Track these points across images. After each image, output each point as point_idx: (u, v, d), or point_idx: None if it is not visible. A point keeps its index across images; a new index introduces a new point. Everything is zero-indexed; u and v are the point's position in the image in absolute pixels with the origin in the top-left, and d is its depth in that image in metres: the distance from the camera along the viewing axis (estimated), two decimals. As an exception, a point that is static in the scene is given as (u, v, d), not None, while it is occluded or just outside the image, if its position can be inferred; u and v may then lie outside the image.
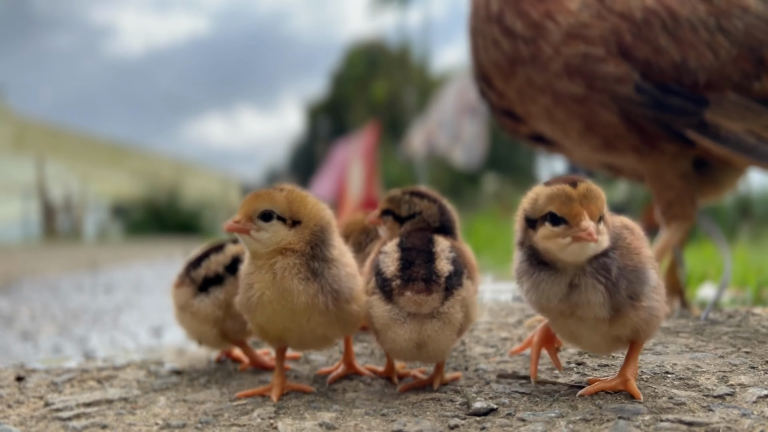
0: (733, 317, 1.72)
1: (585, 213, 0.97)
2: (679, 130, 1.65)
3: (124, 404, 1.18)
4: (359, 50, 27.79)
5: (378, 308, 1.11)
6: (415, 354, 1.12)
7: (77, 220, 20.34)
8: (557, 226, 0.98)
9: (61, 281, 4.93)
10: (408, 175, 14.46)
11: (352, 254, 1.24)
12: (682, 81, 1.64)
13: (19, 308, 3.33)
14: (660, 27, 1.65)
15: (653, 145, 1.70)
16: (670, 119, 1.65)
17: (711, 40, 1.64)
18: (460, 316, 1.12)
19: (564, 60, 1.68)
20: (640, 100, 1.65)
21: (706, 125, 1.64)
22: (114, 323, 2.78)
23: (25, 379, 1.40)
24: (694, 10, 1.65)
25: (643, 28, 1.65)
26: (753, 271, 2.55)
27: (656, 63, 1.64)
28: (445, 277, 1.11)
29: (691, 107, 1.64)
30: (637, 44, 1.65)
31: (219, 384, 1.30)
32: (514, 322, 1.81)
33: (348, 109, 26.36)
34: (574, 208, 0.97)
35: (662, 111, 1.64)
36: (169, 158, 31.43)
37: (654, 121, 1.66)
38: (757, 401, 1.01)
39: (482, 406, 1.04)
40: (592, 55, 1.66)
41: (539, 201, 1.01)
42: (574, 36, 1.67)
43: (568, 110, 1.73)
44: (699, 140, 1.64)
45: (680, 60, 1.63)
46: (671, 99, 1.64)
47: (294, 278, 1.10)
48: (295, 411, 1.08)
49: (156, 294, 3.99)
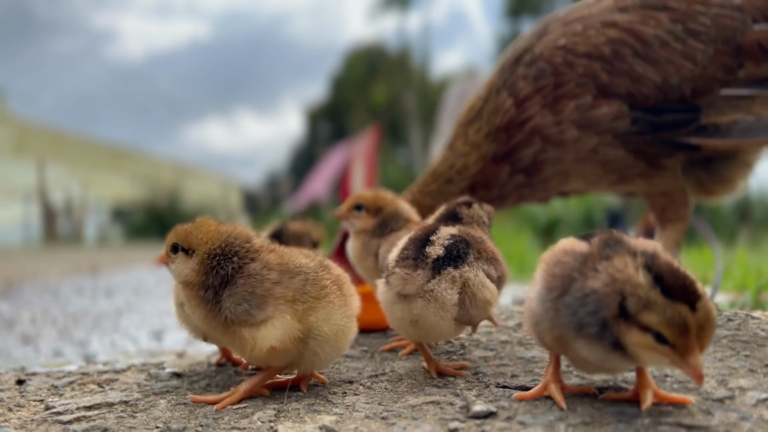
0: (733, 320, 1.72)
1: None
2: (681, 141, 1.65)
3: (124, 407, 1.18)
4: (359, 54, 27.85)
5: (381, 292, 1.22)
6: (413, 332, 1.21)
7: (78, 223, 20.34)
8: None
9: (61, 285, 4.93)
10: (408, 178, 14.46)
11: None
12: (668, 98, 1.63)
13: (19, 312, 3.34)
14: (631, 55, 1.62)
15: (656, 165, 1.70)
16: (669, 135, 1.65)
17: (684, 49, 1.61)
18: (452, 296, 1.16)
19: (570, 121, 1.68)
20: (636, 130, 1.65)
21: (704, 127, 1.63)
22: (114, 327, 2.78)
23: (26, 382, 1.40)
24: (657, 23, 1.62)
25: (616, 62, 1.63)
26: (752, 275, 2.55)
27: (639, 92, 1.63)
28: (433, 258, 1.18)
29: (685, 117, 1.63)
30: (614, 80, 1.63)
31: (219, 387, 1.30)
32: (513, 326, 1.81)
33: (348, 112, 26.39)
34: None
35: (659, 131, 1.64)
36: (170, 162, 31.46)
37: (654, 142, 1.66)
38: (757, 404, 1.02)
39: (482, 409, 1.04)
40: (583, 105, 1.66)
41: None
42: (556, 100, 1.69)
43: (592, 163, 1.73)
44: (704, 142, 1.64)
45: (661, 80, 1.61)
46: (664, 117, 1.63)
47: (192, 308, 1.17)
48: (296, 414, 1.09)
49: (156, 297, 3.99)
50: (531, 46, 1.77)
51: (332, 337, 1.15)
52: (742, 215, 7.37)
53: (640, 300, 0.88)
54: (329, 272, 1.18)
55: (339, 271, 1.22)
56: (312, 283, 1.14)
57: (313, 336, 1.14)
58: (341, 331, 1.17)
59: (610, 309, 0.91)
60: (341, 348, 1.19)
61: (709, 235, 1.95)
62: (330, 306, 1.15)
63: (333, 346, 1.17)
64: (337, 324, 1.16)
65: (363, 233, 1.59)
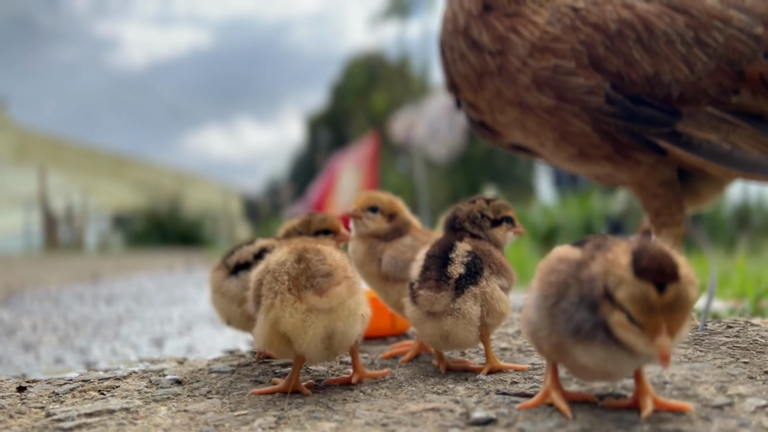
0: (732, 327, 1.73)
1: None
2: (651, 140, 1.65)
3: (125, 415, 1.18)
4: (359, 62, 27.94)
5: (409, 310, 1.33)
6: (443, 345, 1.34)
7: (79, 231, 20.35)
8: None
9: (62, 292, 4.93)
10: (408, 185, 14.48)
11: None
12: (654, 93, 1.64)
13: (20, 319, 3.34)
14: (634, 40, 1.64)
15: (626, 155, 1.71)
16: (641, 129, 1.65)
17: (687, 54, 1.63)
18: (477, 311, 1.28)
19: (532, 73, 1.68)
20: (611, 111, 1.65)
21: (678, 135, 1.64)
22: (115, 334, 2.78)
23: (27, 389, 1.40)
24: (672, 22, 1.64)
25: (617, 40, 1.65)
26: (751, 282, 2.55)
27: (628, 75, 1.64)
28: (455, 278, 1.29)
29: (662, 117, 1.63)
30: (609, 56, 1.64)
31: (220, 394, 1.31)
32: (513, 333, 1.81)
33: (348, 120, 26.46)
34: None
35: (633, 121, 1.64)
36: (171, 170, 31.51)
37: (625, 130, 1.66)
38: (756, 411, 1.02)
39: (482, 416, 1.04)
40: (561, 68, 1.66)
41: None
42: (542, 49, 1.68)
43: (540, 120, 1.73)
44: (670, 149, 1.65)
45: (653, 73, 1.63)
46: (642, 109, 1.64)
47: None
48: (296, 421, 1.09)
49: (157, 305, 3.99)
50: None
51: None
52: (741, 223, 7.37)
53: (615, 278, 0.91)
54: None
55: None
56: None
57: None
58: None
59: (599, 289, 0.94)
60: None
61: (705, 241, 1.96)
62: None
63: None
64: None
65: (370, 237, 1.58)
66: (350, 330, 1.24)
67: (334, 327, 1.21)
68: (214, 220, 23.49)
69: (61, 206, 19.56)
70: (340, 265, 1.25)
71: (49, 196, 18.87)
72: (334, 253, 1.28)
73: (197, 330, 2.82)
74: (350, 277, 1.26)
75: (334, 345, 1.23)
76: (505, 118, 1.80)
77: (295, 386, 1.27)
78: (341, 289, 1.21)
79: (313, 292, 1.20)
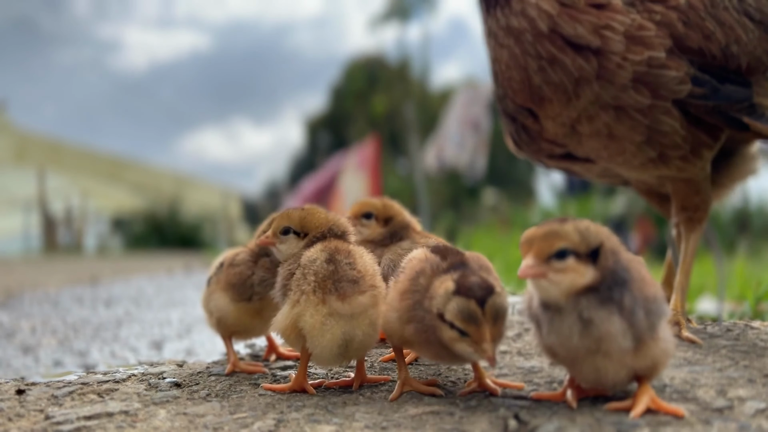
0: (732, 330, 1.73)
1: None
2: (736, 116, 1.58)
3: (124, 417, 1.18)
4: (359, 65, 27.99)
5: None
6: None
7: (78, 233, 20.34)
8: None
9: (61, 295, 4.93)
10: (408, 188, 14.48)
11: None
12: (728, 66, 1.58)
13: (19, 322, 3.33)
14: (703, 9, 1.58)
15: (698, 153, 1.63)
16: (727, 107, 1.58)
17: (740, 20, 1.59)
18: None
19: (633, 70, 1.56)
20: (700, 93, 1.55)
21: (754, 107, 1.59)
22: (114, 337, 2.78)
23: (26, 392, 1.40)
24: None
25: (690, 13, 1.57)
26: (751, 285, 2.55)
27: (708, 50, 1.56)
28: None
29: (742, 92, 1.58)
30: (688, 33, 1.56)
31: (219, 397, 1.31)
32: (512, 336, 1.81)
33: (348, 123, 26.49)
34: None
35: (720, 100, 1.57)
36: (170, 172, 31.52)
37: (713, 111, 1.58)
38: (756, 414, 1.02)
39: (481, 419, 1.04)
40: (655, 60, 1.55)
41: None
42: (635, 40, 1.56)
43: (633, 123, 1.60)
44: (752, 124, 1.58)
45: (725, 44, 1.57)
46: (726, 86, 1.58)
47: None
48: (295, 424, 1.09)
49: (156, 307, 3.99)
50: None
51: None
52: (741, 225, 7.38)
53: (442, 300, 1.08)
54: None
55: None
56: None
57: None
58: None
59: (432, 313, 1.11)
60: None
61: (714, 243, 1.95)
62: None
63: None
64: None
65: (366, 243, 1.58)
66: (368, 339, 1.24)
67: (353, 334, 1.21)
68: (214, 223, 23.49)
69: (61, 209, 19.56)
70: (369, 272, 1.25)
71: (48, 198, 18.87)
72: (365, 257, 1.28)
73: (196, 333, 2.82)
74: (377, 286, 1.25)
75: (349, 352, 1.24)
76: (591, 127, 1.64)
77: (302, 385, 1.29)
78: (364, 299, 1.22)
79: (337, 297, 1.20)
